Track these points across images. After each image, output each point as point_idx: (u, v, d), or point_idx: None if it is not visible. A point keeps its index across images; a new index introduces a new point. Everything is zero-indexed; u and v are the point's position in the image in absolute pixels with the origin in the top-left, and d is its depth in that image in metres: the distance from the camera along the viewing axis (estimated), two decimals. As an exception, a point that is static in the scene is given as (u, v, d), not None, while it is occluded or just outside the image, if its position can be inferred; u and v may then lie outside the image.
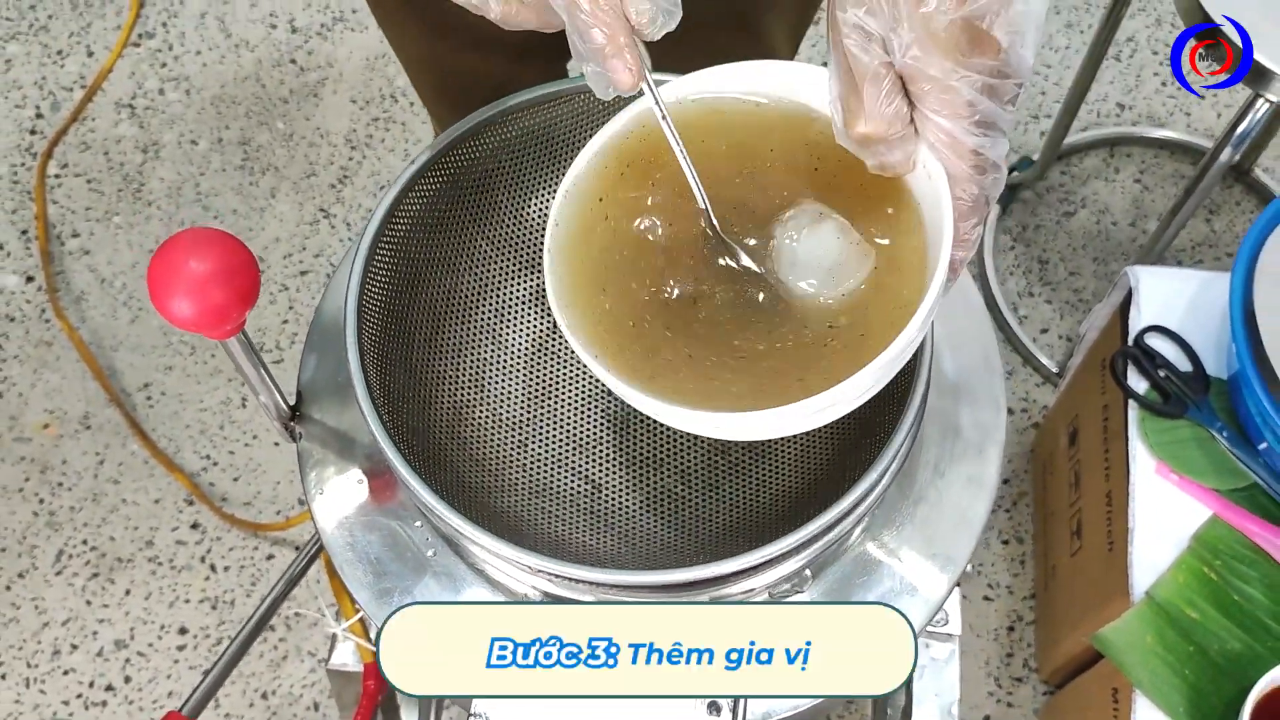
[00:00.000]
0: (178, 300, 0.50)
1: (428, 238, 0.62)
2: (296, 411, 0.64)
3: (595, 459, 0.63)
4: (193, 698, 0.75)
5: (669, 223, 0.52)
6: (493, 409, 0.63)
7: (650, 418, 0.49)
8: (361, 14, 1.74)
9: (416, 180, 0.59)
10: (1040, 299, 1.50)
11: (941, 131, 0.46)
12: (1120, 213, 1.55)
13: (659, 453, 0.63)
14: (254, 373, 0.58)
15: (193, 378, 1.48)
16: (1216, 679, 0.91)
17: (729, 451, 0.63)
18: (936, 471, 0.62)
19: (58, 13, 1.75)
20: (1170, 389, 1.01)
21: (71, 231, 1.58)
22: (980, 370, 0.66)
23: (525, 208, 0.65)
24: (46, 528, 1.40)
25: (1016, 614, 1.34)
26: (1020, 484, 1.40)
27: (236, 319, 0.51)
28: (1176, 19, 1.68)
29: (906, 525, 0.61)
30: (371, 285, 0.58)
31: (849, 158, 0.49)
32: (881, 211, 0.50)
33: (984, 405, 0.64)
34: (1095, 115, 1.62)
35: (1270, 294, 0.94)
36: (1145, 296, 1.06)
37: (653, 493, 0.62)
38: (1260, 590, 0.94)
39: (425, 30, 0.88)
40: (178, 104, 1.67)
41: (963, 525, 0.61)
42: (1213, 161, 1.10)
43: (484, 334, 0.65)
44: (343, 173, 1.61)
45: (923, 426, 0.63)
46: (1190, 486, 0.98)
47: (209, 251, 0.50)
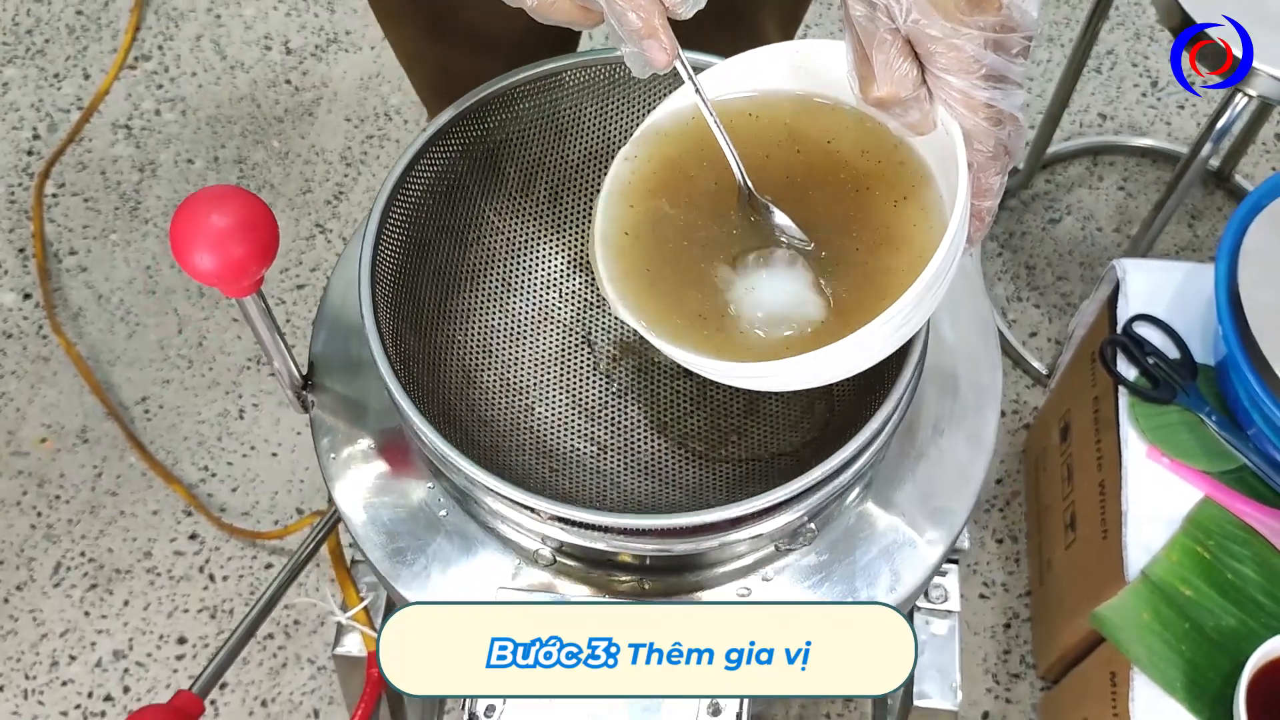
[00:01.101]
0: (200, 254, 0.51)
1: (437, 206, 0.63)
2: (309, 380, 0.65)
3: (600, 423, 0.64)
4: (202, 676, 0.75)
5: (709, 197, 0.54)
6: (500, 374, 0.65)
7: (649, 385, 0.51)
8: (355, 35, 1.76)
9: (427, 148, 0.61)
10: (1029, 303, 1.53)
11: (953, 89, 0.48)
12: (1105, 219, 1.58)
13: (663, 416, 0.64)
14: (269, 336, 0.59)
15: (190, 390, 1.49)
16: (1212, 654, 0.92)
17: (730, 415, 0.64)
18: (936, 430, 0.64)
19: (54, 37, 1.77)
20: (1159, 375, 1.03)
21: (69, 249, 1.59)
22: (976, 335, 0.67)
23: (531, 182, 0.67)
24: (44, 540, 1.40)
25: (1013, 611, 1.35)
26: (1013, 483, 1.42)
27: (255, 274, 0.53)
28: (1155, 32, 1.72)
29: (907, 482, 0.63)
30: (385, 249, 0.60)
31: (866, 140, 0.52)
32: (902, 179, 0.52)
33: (981, 367, 0.66)
34: (1078, 125, 1.65)
35: (1254, 278, 0.96)
36: (1132, 287, 1.09)
37: (656, 455, 0.63)
38: (1252, 568, 0.96)
39: (425, 29, 0.90)
40: (174, 124, 1.69)
41: (963, 482, 0.63)
42: (1194, 155, 1.13)
43: (491, 302, 0.66)
44: (338, 189, 1.63)
45: (923, 386, 0.64)
46: (1181, 469, 1.00)
47: (229, 207, 0.52)
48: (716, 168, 0.54)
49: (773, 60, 0.55)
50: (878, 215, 0.53)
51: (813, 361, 0.48)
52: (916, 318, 0.51)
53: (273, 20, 1.77)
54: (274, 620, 1.36)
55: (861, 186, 0.54)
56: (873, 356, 0.50)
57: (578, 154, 0.67)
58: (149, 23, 1.77)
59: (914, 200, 0.53)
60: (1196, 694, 0.91)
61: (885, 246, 0.52)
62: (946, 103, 0.49)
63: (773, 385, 0.52)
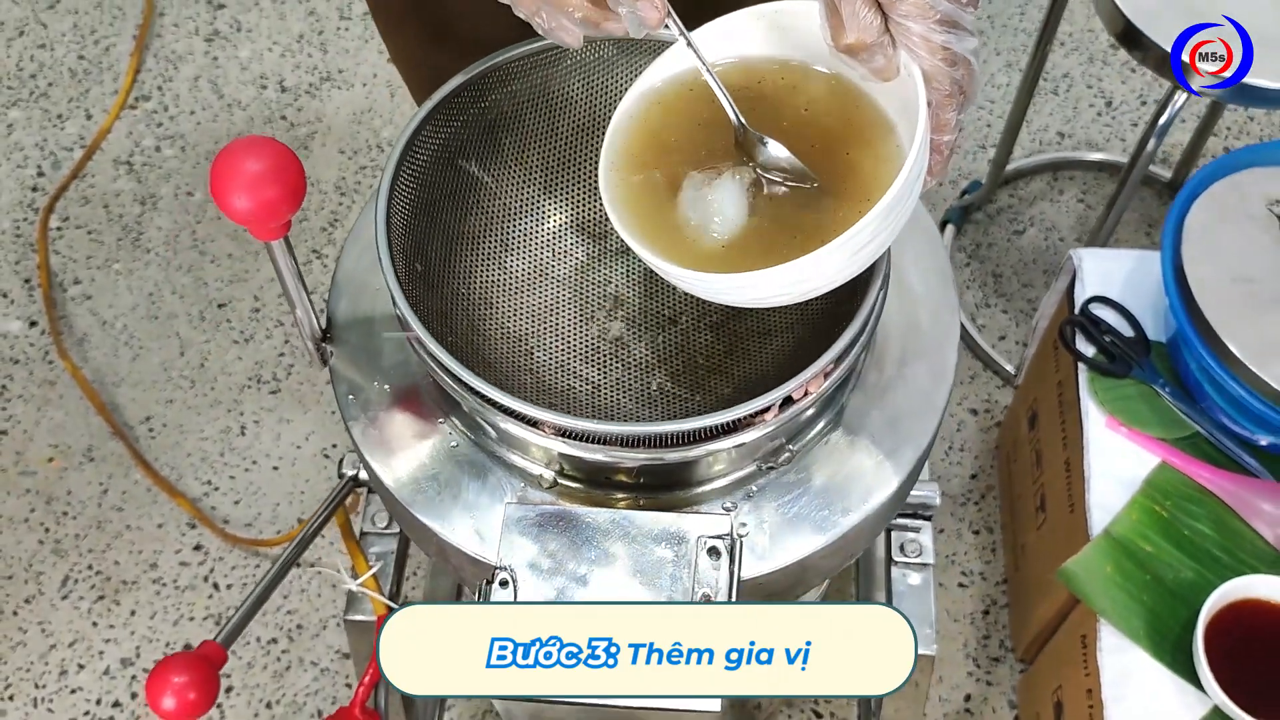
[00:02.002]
0: (237, 196, 0.57)
1: (441, 172, 0.70)
2: (327, 333, 0.71)
3: (594, 364, 0.70)
4: (226, 628, 0.80)
5: (703, 136, 0.62)
6: (501, 323, 0.71)
7: (638, 331, 0.56)
8: (347, 73, 1.84)
9: (431, 117, 0.67)
10: (996, 309, 1.60)
11: (912, 34, 0.55)
12: (1066, 229, 1.66)
13: (650, 358, 0.70)
14: (293, 282, 0.65)
15: (193, 409, 1.54)
16: (1172, 604, 0.98)
17: (711, 355, 0.71)
18: (901, 363, 0.70)
19: (57, 81, 1.84)
20: (1115, 352, 1.10)
21: (73, 279, 1.65)
22: (936, 283, 0.74)
23: (525, 152, 0.73)
24: (52, 555, 1.45)
25: (990, 598, 1.40)
26: (987, 478, 1.48)
27: (285, 215, 0.59)
28: (1109, 55, 1.81)
29: (876, 409, 0.69)
30: (396, 207, 0.66)
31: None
32: (869, 130, 0.60)
33: (941, 310, 0.73)
34: (1038, 143, 1.74)
35: (1196, 255, 1.03)
36: (1088, 274, 1.16)
37: (645, 391, 0.69)
38: (1208, 525, 1.02)
39: (425, 38, 0.96)
40: (174, 159, 1.76)
41: (927, 409, 0.69)
42: (1141, 149, 1.21)
43: (491, 260, 0.72)
44: (333, 216, 1.70)
45: (890, 327, 0.71)
46: (1138, 437, 1.06)
47: (262, 154, 0.58)
48: (711, 122, 0.61)
49: (754, 21, 0.61)
50: (847, 160, 0.60)
51: (786, 273, 0.54)
52: (880, 239, 0.57)
53: (268, 61, 1.85)
54: (277, 625, 1.40)
55: (833, 137, 0.61)
56: (837, 271, 0.56)
57: (568, 127, 0.74)
58: (148, 65, 1.85)
59: (880, 146, 0.60)
60: (1158, 641, 0.97)
61: (853, 182, 0.59)
62: (907, 46, 0.56)
63: (748, 298, 0.58)
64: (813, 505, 0.66)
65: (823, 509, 0.65)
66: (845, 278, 0.57)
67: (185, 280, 1.65)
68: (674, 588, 0.59)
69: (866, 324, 0.63)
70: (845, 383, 0.68)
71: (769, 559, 0.64)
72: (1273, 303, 1.00)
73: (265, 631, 1.40)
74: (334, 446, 1.51)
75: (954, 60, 0.56)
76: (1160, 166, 1.68)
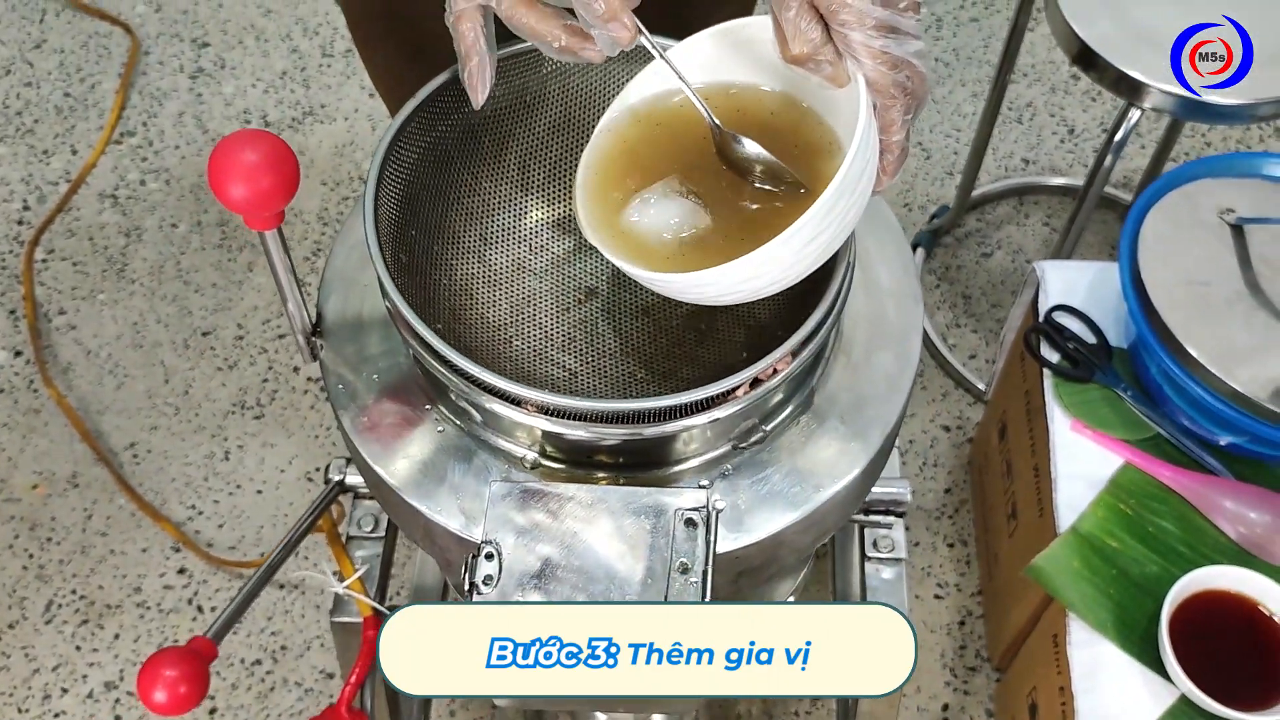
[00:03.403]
0: (234, 185, 0.60)
1: (424, 169, 0.73)
2: (317, 327, 0.74)
3: (570, 352, 0.73)
4: (216, 624, 0.82)
5: (676, 148, 0.67)
6: (481, 313, 0.74)
7: (613, 321, 0.59)
8: (330, 108, 1.88)
9: (416, 114, 0.71)
10: (967, 329, 1.64)
11: (852, 41, 0.58)
12: (1033, 251, 1.71)
13: (623, 346, 0.73)
14: (285, 275, 0.68)
15: (177, 435, 1.56)
16: (1139, 598, 1.01)
17: (683, 343, 0.74)
18: (868, 350, 0.73)
19: (43, 118, 1.87)
20: (1079, 357, 1.14)
21: (58, 309, 1.67)
22: (901, 276, 0.77)
23: (504, 150, 0.77)
24: (36, 580, 1.45)
25: (966, 609, 1.43)
26: (961, 492, 1.51)
27: (279, 204, 0.62)
28: (1070, 85, 1.87)
29: (844, 393, 0.72)
30: (383, 202, 0.69)
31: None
32: (819, 142, 0.64)
33: (906, 300, 0.76)
34: (1004, 169, 1.79)
35: (1152, 259, 1.07)
36: (1051, 283, 1.20)
37: (620, 378, 0.72)
38: (1171, 521, 1.05)
39: (402, 54, 0.99)
40: (158, 192, 1.79)
41: (893, 392, 0.72)
42: (1099, 165, 1.26)
43: (471, 255, 0.76)
44: (316, 246, 1.73)
45: (857, 318, 0.74)
46: (1103, 439, 1.10)
47: (258, 145, 0.61)
48: (684, 134, 0.65)
49: (721, 37, 0.66)
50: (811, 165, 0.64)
51: (736, 270, 0.57)
52: (824, 237, 0.59)
53: (251, 96, 1.89)
54: (261, 646, 1.41)
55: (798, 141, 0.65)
56: (788, 267, 0.59)
57: (544, 127, 0.77)
58: (134, 102, 1.88)
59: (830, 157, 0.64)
60: (1126, 634, 1.00)
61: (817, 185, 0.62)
62: (849, 53, 0.59)
63: (708, 295, 0.61)
64: (785, 483, 0.68)
65: (795, 486, 0.68)
66: (798, 273, 0.60)
67: (169, 309, 1.67)
68: (652, 557, 0.61)
69: (832, 309, 0.66)
70: (814, 367, 0.71)
71: (744, 534, 0.67)
72: (1227, 306, 1.04)
73: (249, 653, 1.41)
74: (317, 470, 1.53)
75: (895, 63, 0.58)
76: (1122, 190, 1.73)
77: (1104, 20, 1.20)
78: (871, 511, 0.95)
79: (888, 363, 0.73)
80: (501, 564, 0.62)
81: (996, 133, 1.78)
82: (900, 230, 0.80)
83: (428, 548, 0.72)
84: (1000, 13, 1.97)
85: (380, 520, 0.97)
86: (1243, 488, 1.06)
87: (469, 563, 0.62)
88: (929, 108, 1.86)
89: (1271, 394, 1.00)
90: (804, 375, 0.69)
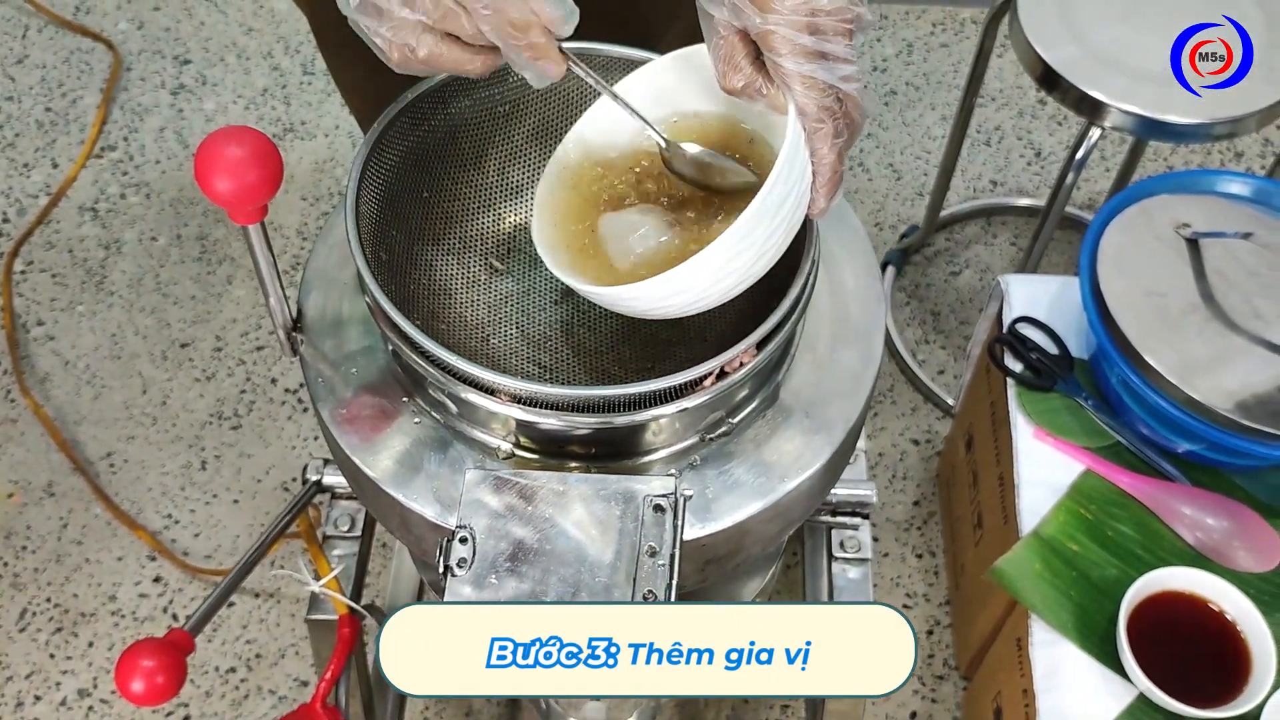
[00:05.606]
0: (219, 178, 0.62)
1: (405, 173, 0.75)
2: (297, 323, 0.76)
3: (545, 350, 0.75)
4: (194, 617, 0.83)
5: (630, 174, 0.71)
6: (459, 312, 0.76)
7: (586, 321, 0.63)
8: (310, 125, 1.90)
9: (396, 120, 0.73)
10: (936, 345, 1.67)
11: (782, 68, 0.60)
12: (1000, 270, 1.74)
13: (598, 344, 0.76)
14: (268, 269, 0.70)
15: (154, 445, 1.57)
16: (1099, 600, 1.03)
17: (656, 343, 0.76)
18: (832, 347, 0.76)
19: (24, 132, 1.89)
20: (1041, 368, 1.17)
21: (36, 320, 1.68)
22: (865, 279, 0.80)
23: (483, 156, 0.79)
24: (10, 588, 1.46)
25: (934, 619, 1.45)
26: (929, 505, 1.53)
27: (264, 198, 0.64)
28: (1037, 110, 1.92)
29: (808, 388, 0.74)
30: (364, 202, 0.71)
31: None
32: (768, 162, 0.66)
33: (870, 301, 0.78)
34: (973, 191, 1.83)
35: (1111, 271, 1.10)
36: (1015, 296, 1.23)
37: (595, 374, 0.74)
38: (1130, 527, 1.08)
39: (368, 63, 1.01)
40: (138, 206, 1.80)
41: (856, 388, 0.75)
42: (1061, 182, 1.29)
43: (450, 255, 0.78)
44: (295, 260, 1.74)
45: (822, 317, 0.76)
46: (1064, 446, 1.13)
47: (243, 141, 0.63)
48: (636, 156, 0.70)
49: (671, 64, 0.69)
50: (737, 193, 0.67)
51: (659, 285, 0.60)
52: (746, 255, 0.61)
53: (232, 113, 1.91)
54: (236, 654, 1.42)
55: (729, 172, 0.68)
56: (711, 284, 0.61)
57: (521, 134, 0.79)
58: (114, 117, 1.90)
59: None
60: (1086, 635, 1.02)
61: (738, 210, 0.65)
62: (779, 79, 0.60)
63: (639, 308, 0.63)
64: (751, 473, 0.70)
65: (760, 476, 0.70)
66: (725, 289, 0.63)
67: (148, 321, 1.68)
68: (622, 541, 0.63)
69: (796, 304, 0.68)
70: (780, 362, 0.73)
71: (711, 521, 0.69)
72: (1183, 317, 1.08)
73: (224, 660, 1.41)
74: (294, 480, 1.54)
75: (823, 89, 0.60)
76: (1086, 211, 1.77)
77: (1066, 43, 1.24)
78: (839, 513, 0.98)
79: (852, 360, 0.75)
80: (475, 547, 0.64)
81: (965, 155, 1.82)
82: (865, 235, 0.83)
83: (404, 538, 0.74)
84: (970, 39, 2.01)
85: (357, 520, 0.98)
86: (1200, 494, 1.09)
87: (443, 546, 0.64)
88: (899, 130, 1.90)
89: (1227, 402, 1.03)
90: (770, 370, 0.72)
